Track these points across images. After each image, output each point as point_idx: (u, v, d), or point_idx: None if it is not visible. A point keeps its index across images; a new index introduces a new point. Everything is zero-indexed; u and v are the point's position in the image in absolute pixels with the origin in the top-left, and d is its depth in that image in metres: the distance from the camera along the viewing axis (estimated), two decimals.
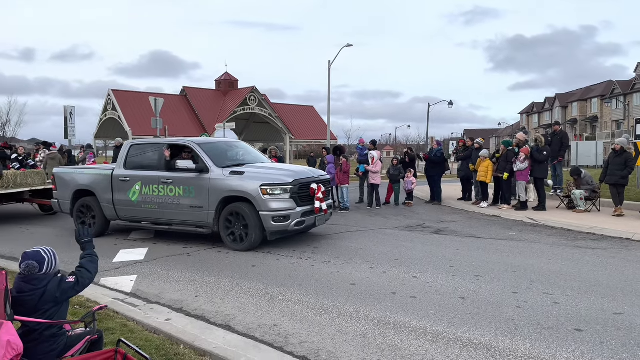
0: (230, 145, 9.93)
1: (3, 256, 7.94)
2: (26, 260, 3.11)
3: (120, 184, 9.19)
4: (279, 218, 7.94)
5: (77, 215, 9.86)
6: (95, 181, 9.57)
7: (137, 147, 9.55)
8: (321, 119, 46.65)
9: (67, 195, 9.97)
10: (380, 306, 5.30)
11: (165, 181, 8.67)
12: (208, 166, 8.41)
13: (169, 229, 8.87)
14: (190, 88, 43.58)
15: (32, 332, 3.03)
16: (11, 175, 11.67)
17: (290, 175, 8.30)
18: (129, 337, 4.18)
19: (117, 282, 6.43)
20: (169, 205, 8.67)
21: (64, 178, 10.12)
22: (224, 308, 5.35)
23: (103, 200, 9.43)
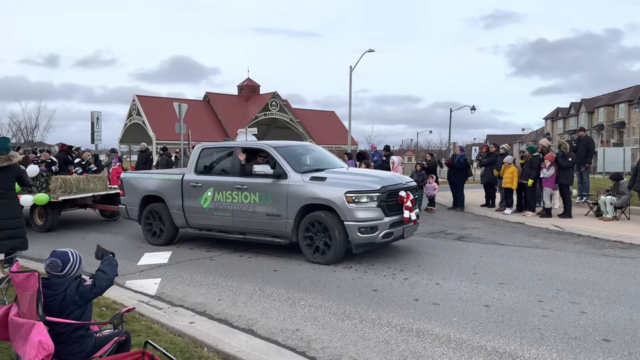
0: (306, 149, 9.28)
1: (32, 258, 8.13)
2: (52, 258, 3.17)
3: (191, 190, 8.68)
4: (365, 229, 7.22)
5: (145, 223, 9.38)
6: (165, 187, 9.08)
7: (208, 151, 9.04)
8: (342, 124, 46.70)
9: (135, 201, 9.51)
10: (402, 313, 5.28)
11: (239, 187, 8.11)
12: (286, 171, 7.79)
13: (244, 239, 8.34)
14: (213, 94, 44.10)
15: (61, 334, 3.10)
16: (74, 180, 11.30)
17: (377, 182, 7.59)
18: (154, 339, 4.24)
19: (141, 285, 6.53)
20: (243, 213, 8.09)
21: (132, 183, 9.68)
22: (246, 312, 5.39)
23: (172, 207, 8.92)
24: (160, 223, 9.17)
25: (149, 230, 9.32)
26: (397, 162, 13.67)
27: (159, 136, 35.91)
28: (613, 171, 16.03)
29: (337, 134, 45.32)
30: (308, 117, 45.12)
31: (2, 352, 3.99)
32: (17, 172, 6.59)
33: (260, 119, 40.71)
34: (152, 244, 9.15)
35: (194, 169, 8.84)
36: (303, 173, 7.81)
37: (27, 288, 2.96)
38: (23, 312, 3.00)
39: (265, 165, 7.96)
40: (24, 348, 2.72)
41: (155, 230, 9.24)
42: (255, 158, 8.55)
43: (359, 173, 8.39)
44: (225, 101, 43.46)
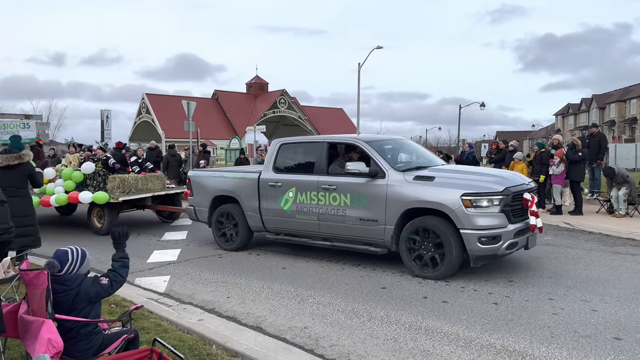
0: (399, 143, 8.15)
1: (42, 255, 8.20)
2: (51, 258, 3.19)
3: (269, 190, 7.84)
4: (487, 239, 6.08)
5: (216, 225, 8.63)
6: (239, 186, 8.28)
7: (289, 147, 8.09)
8: (350, 121, 46.66)
9: (204, 201, 8.73)
10: (411, 310, 5.26)
11: (327, 187, 7.19)
12: (384, 169, 6.78)
13: (331, 247, 7.39)
14: (222, 91, 44.22)
15: (70, 331, 3.12)
16: (132, 179, 10.63)
17: (498, 182, 6.48)
18: (163, 336, 4.26)
19: (151, 282, 6.57)
20: (331, 216, 7.18)
21: (202, 182, 8.90)
22: (255, 309, 5.40)
23: (248, 208, 8.12)
24: (233, 226, 8.41)
25: (221, 234, 8.58)
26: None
27: (168, 134, 36.09)
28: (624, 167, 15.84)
29: (345, 131, 45.24)
30: (316, 114, 45.11)
31: (12, 350, 4.02)
32: (28, 171, 6.64)
33: (269, 117, 40.76)
34: (224, 248, 8.48)
35: (273, 167, 7.96)
36: (404, 171, 6.79)
37: (36, 286, 2.99)
38: (33, 309, 3.02)
39: (360, 163, 6.95)
40: (33, 345, 2.74)
41: (227, 233, 8.49)
42: (340, 155, 7.64)
43: (471, 171, 7.25)
44: (234, 99, 43.57)
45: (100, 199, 9.74)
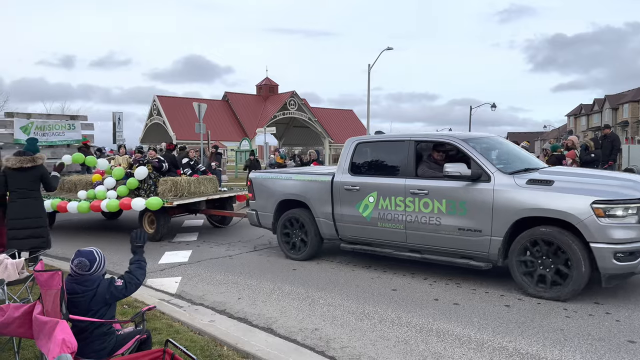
0: (493, 142, 7.09)
1: (56, 257, 8.29)
2: (79, 257, 3.25)
3: (345, 194, 7.10)
4: (624, 254, 5.19)
5: (281, 232, 7.96)
6: (309, 189, 7.56)
7: (366, 146, 7.29)
8: (360, 122, 46.62)
9: (269, 205, 8.07)
10: (422, 312, 5.24)
11: (416, 192, 6.38)
12: (488, 172, 5.95)
13: (421, 259, 6.57)
14: (232, 93, 44.39)
15: (84, 331, 3.16)
16: (185, 182, 10.03)
17: (632, 187, 5.62)
18: (175, 337, 4.29)
19: (162, 283, 6.61)
20: (422, 225, 6.36)
21: (265, 185, 8.21)
22: (265, 311, 5.41)
23: (319, 214, 7.42)
24: (301, 233, 7.73)
25: (287, 241, 7.91)
26: None
27: (178, 136, 36.31)
28: None
29: (355, 133, 45.21)
30: (326, 115, 45.13)
31: (26, 350, 4.07)
32: (41, 173, 6.71)
33: (279, 118, 40.84)
34: (290, 257, 7.82)
35: (349, 168, 7.21)
36: (512, 174, 5.95)
37: (51, 287, 3.02)
38: (47, 310, 3.06)
39: (460, 165, 6.09)
40: (47, 346, 2.77)
41: (295, 241, 7.82)
42: (426, 155, 6.82)
43: (592, 175, 6.25)
44: (244, 101, 43.74)
45: (154, 204, 9.11)
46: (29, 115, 12.67)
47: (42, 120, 12.72)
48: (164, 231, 9.66)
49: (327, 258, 7.87)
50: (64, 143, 12.92)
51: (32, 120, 12.36)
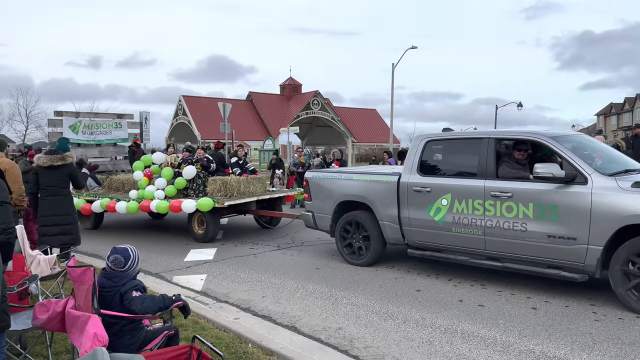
0: (589, 140, 6.65)
1: (86, 253, 8.50)
2: (115, 254, 3.34)
3: (413, 196, 6.61)
4: None
5: (340, 235, 7.51)
6: (372, 190, 7.08)
7: (438, 144, 6.76)
8: (383, 121, 46.43)
9: (326, 207, 7.66)
10: (446, 313, 5.20)
11: (498, 195, 5.84)
12: (584, 173, 5.40)
13: (502, 268, 5.98)
14: (256, 93, 44.73)
15: (114, 326, 3.24)
16: (235, 181, 9.79)
17: None
18: (201, 333, 4.35)
19: (188, 280, 6.71)
20: (504, 231, 5.82)
21: (323, 185, 7.77)
22: (289, 309, 5.45)
23: (383, 217, 6.95)
24: (363, 237, 7.27)
25: (347, 245, 7.46)
26: None
27: (203, 135, 36.76)
28: None
29: (379, 132, 45.06)
30: (349, 115, 45.06)
31: (57, 343, 4.19)
32: (70, 172, 6.88)
33: (302, 118, 40.95)
34: (350, 262, 7.36)
35: (417, 168, 6.71)
36: (614, 176, 5.40)
37: (83, 282, 3.11)
38: (79, 305, 3.15)
39: (553, 165, 5.61)
40: (80, 339, 2.85)
41: (355, 245, 7.36)
42: (505, 154, 6.32)
43: None
44: (268, 100, 44.01)
45: (205, 205, 8.87)
46: (77, 114, 12.73)
47: (90, 119, 12.73)
48: (214, 232, 9.41)
49: None
50: (111, 142, 12.93)
51: (80, 119, 12.43)
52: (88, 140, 12.50)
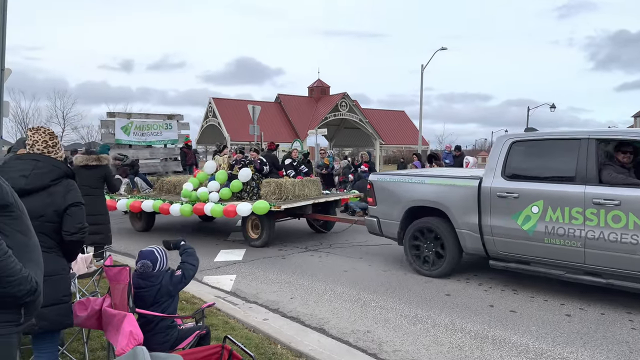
0: None
1: (119, 252, 8.70)
2: (142, 259, 3.43)
3: (498, 203, 6.02)
4: None
5: (410, 244, 6.99)
6: (448, 195, 6.54)
7: (526, 145, 6.13)
8: (412, 123, 46.08)
9: (394, 212, 7.14)
10: (477, 319, 5.13)
11: (601, 202, 5.25)
12: None
13: (607, 285, 5.35)
14: (284, 95, 45.00)
15: (148, 324, 3.32)
16: (289, 184, 9.41)
17: None
18: (231, 334, 4.40)
19: (218, 281, 6.81)
20: (609, 244, 5.20)
21: (390, 188, 7.26)
22: (317, 311, 5.46)
23: (461, 224, 6.41)
24: (436, 245, 6.74)
25: (417, 254, 6.95)
26: (472, 162, 13.26)
27: (233, 137, 37.17)
28: None
29: (407, 134, 44.72)
30: (377, 116, 44.87)
31: (93, 340, 4.31)
32: (104, 173, 7.04)
33: (330, 120, 40.99)
34: (421, 273, 6.87)
35: (502, 172, 6.13)
36: None
37: (119, 281, 3.20)
38: (115, 303, 3.24)
39: None
40: (116, 337, 2.94)
41: (427, 254, 6.84)
42: (611, 157, 5.72)
43: None
44: (296, 102, 44.21)
45: (261, 208, 8.52)
46: (129, 115, 12.54)
47: (142, 120, 12.52)
48: (269, 237, 9.02)
49: (378, 260, 7.85)
50: (162, 143, 12.80)
51: (132, 120, 12.24)
52: (139, 141, 12.32)
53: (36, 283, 1.97)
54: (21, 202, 2.10)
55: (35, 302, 2.03)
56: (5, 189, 1.98)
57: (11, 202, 2.00)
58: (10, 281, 1.86)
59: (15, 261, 1.88)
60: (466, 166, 13.31)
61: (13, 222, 2.00)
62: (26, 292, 1.92)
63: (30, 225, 2.12)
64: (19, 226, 2.03)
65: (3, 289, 1.86)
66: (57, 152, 3.18)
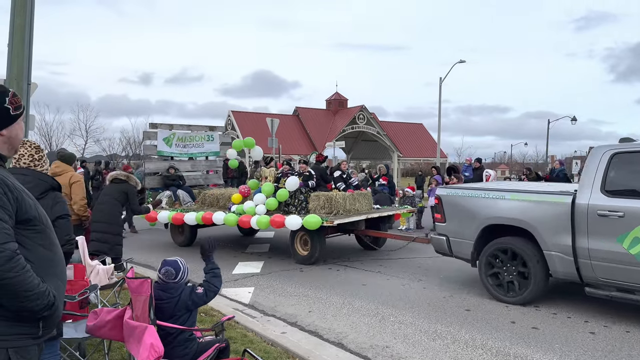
0: None
1: (138, 263, 8.78)
2: (166, 267, 3.47)
3: (597, 222, 5.36)
4: None
5: (486, 266, 6.31)
6: (535, 212, 5.87)
7: (632, 158, 5.47)
8: (430, 136, 45.90)
9: (467, 231, 6.50)
10: (498, 335, 5.05)
11: None
12: None
13: None
14: (302, 108, 45.29)
15: (168, 336, 3.34)
16: (340, 198, 8.89)
17: None
18: (249, 347, 4.39)
19: (236, 293, 6.82)
20: None
21: (462, 204, 6.62)
22: (336, 325, 5.43)
23: (550, 246, 5.72)
24: (519, 269, 6.04)
25: (495, 278, 6.27)
26: (492, 175, 13.14)
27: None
28: None
29: (425, 147, 44.53)
30: (395, 129, 44.80)
31: (114, 352, 4.35)
32: (127, 190, 7.15)
33: (348, 132, 41.06)
34: (501, 299, 6.18)
35: (601, 187, 5.47)
36: None
37: (140, 293, 3.23)
38: (137, 315, 3.26)
39: None
40: (137, 349, 2.96)
41: (507, 279, 6.14)
42: None
43: None
44: (314, 115, 44.44)
45: (312, 223, 8.03)
46: (171, 127, 12.01)
47: (184, 132, 12.11)
48: (319, 254, 8.56)
49: (397, 274, 7.79)
50: (203, 155, 12.43)
51: (174, 131, 11.82)
52: (181, 153, 11.94)
53: (54, 297, 1.99)
54: (46, 216, 2.13)
55: (54, 316, 2.04)
56: (28, 203, 2.01)
57: (35, 215, 2.02)
58: (28, 296, 1.88)
59: (33, 276, 1.90)
60: (486, 179, 13.20)
61: (36, 235, 2.02)
62: (43, 307, 1.94)
63: (54, 239, 2.15)
64: (42, 240, 2.05)
65: (20, 303, 1.88)
66: (42, 165, 3.23)
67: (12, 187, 1.95)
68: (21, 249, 1.92)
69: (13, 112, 2.07)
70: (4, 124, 2.06)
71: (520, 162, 66.17)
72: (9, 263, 1.82)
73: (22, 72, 6.25)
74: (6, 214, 1.89)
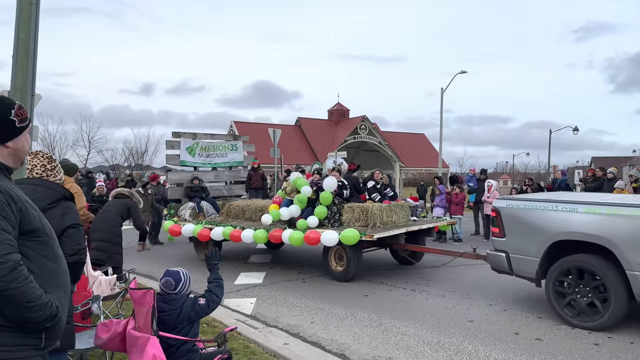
0: None
1: (141, 274, 8.78)
2: (166, 277, 3.48)
3: None
4: None
5: (555, 286, 5.73)
6: (615, 227, 5.26)
7: None
8: (431, 146, 45.97)
9: (531, 247, 5.90)
10: (501, 346, 5.02)
11: None
12: None
13: None
14: (304, 118, 45.45)
15: (171, 347, 3.34)
16: (377, 209, 8.34)
17: None
18: (252, 358, 4.40)
19: (238, 304, 6.80)
20: None
21: (526, 217, 6.01)
22: (338, 336, 5.41)
23: (633, 265, 5.10)
24: (594, 290, 5.44)
25: (565, 300, 5.67)
26: (494, 185, 13.14)
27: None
28: None
29: (427, 157, 44.58)
30: (397, 139, 44.90)
31: None
32: (130, 205, 7.16)
33: (350, 142, 41.13)
34: (573, 324, 5.57)
35: None
36: None
37: (143, 304, 3.23)
38: (139, 326, 3.26)
39: None
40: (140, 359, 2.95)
41: (581, 301, 5.54)
42: None
43: None
44: (316, 125, 44.57)
45: (349, 237, 7.51)
46: (195, 135, 11.54)
47: (207, 141, 11.71)
48: (356, 269, 7.99)
49: (400, 285, 7.76)
50: (227, 165, 12.06)
51: (197, 140, 11.41)
52: (204, 163, 11.52)
53: (57, 308, 1.99)
54: (50, 227, 2.14)
55: (56, 327, 2.04)
56: (33, 214, 2.02)
57: (39, 227, 2.03)
58: (30, 307, 1.88)
59: (35, 287, 1.91)
60: (489, 190, 13.20)
61: (40, 247, 2.03)
62: (46, 318, 1.94)
63: (58, 251, 2.15)
64: (45, 251, 2.05)
65: (23, 314, 1.89)
66: (55, 175, 3.25)
67: (16, 199, 1.96)
68: (24, 260, 1.93)
69: (19, 124, 2.09)
70: (9, 136, 2.08)
71: (522, 172, 66.12)
72: (12, 274, 1.83)
73: (26, 83, 6.30)
74: (9, 225, 1.90)
